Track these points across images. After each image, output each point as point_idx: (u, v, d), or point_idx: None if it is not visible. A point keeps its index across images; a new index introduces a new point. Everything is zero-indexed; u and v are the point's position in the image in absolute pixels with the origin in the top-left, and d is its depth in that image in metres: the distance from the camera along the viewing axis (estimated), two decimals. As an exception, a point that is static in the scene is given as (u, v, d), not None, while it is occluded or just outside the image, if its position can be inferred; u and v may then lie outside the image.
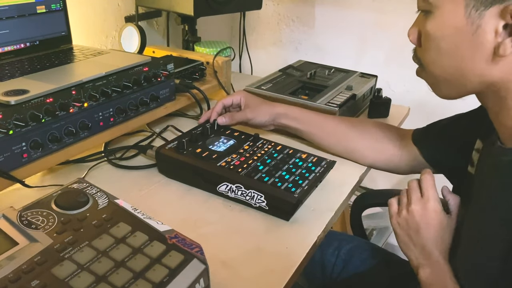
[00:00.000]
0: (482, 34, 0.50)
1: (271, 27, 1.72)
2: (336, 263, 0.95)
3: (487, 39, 0.50)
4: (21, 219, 0.48)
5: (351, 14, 1.55)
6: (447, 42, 0.53)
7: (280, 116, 0.87)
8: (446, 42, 0.53)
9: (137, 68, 0.83)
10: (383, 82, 1.49)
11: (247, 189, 0.69)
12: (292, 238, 0.65)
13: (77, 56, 0.90)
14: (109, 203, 0.53)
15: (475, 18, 0.49)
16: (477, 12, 0.49)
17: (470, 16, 0.50)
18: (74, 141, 0.74)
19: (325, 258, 0.96)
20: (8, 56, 0.85)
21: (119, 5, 1.21)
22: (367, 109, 1.11)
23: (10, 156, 0.64)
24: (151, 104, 0.88)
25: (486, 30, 0.49)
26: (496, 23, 0.48)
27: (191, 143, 0.78)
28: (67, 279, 0.41)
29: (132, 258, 0.45)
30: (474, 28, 0.50)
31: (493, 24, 0.49)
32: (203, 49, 1.22)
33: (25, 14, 0.86)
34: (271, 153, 0.78)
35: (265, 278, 0.57)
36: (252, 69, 1.62)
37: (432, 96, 0.62)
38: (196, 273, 0.45)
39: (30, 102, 0.65)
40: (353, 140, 0.85)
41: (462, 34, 0.51)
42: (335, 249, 0.96)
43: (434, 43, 0.55)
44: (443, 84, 0.58)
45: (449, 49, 0.53)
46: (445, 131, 0.77)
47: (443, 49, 0.54)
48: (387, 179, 1.71)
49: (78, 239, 0.46)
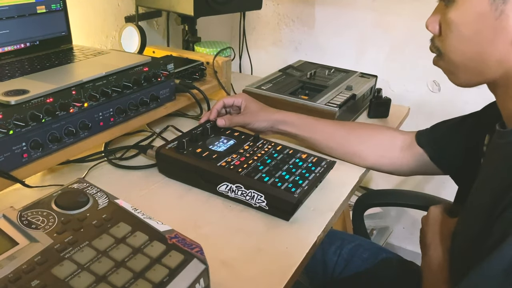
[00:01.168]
0: (505, 19, 0.52)
1: (271, 27, 1.72)
2: (337, 262, 0.95)
3: (510, 23, 0.52)
4: (21, 219, 0.48)
5: (351, 14, 1.55)
6: (469, 28, 0.55)
7: (279, 123, 0.87)
8: (468, 28, 0.55)
9: (137, 68, 0.83)
10: (383, 82, 1.49)
11: (247, 189, 0.69)
12: (292, 238, 0.65)
13: (77, 56, 0.90)
14: (109, 203, 0.53)
15: (499, 4, 0.52)
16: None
17: (495, 2, 0.52)
18: (74, 141, 0.74)
19: (327, 257, 0.96)
20: (8, 56, 0.85)
21: (119, 5, 1.21)
22: (367, 109, 1.10)
23: (10, 156, 0.64)
24: (151, 104, 0.88)
25: (509, 15, 0.51)
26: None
27: (191, 143, 0.78)
28: (67, 279, 0.41)
29: (132, 258, 0.45)
30: (498, 14, 0.52)
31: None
32: (203, 49, 1.22)
33: (25, 14, 0.86)
34: (271, 153, 0.78)
35: (265, 278, 0.57)
36: (252, 69, 1.62)
37: (432, 96, 0.62)
38: (196, 273, 0.45)
39: (30, 102, 0.65)
40: (353, 144, 0.85)
41: (485, 20, 0.53)
42: (337, 248, 0.97)
43: (456, 30, 0.57)
44: (462, 71, 0.59)
45: (471, 35, 0.55)
46: (451, 131, 0.78)
47: (465, 35, 0.56)
48: (387, 179, 1.71)
49: (78, 239, 0.46)
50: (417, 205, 1.05)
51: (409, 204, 1.10)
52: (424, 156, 0.80)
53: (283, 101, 0.99)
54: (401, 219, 1.80)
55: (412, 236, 1.76)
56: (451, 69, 0.61)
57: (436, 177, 0.84)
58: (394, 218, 1.81)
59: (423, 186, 1.64)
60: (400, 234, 1.81)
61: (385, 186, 1.74)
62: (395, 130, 0.87)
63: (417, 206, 1.06)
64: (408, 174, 0.84)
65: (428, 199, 1.04)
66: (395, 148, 0.83)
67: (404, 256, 0.96)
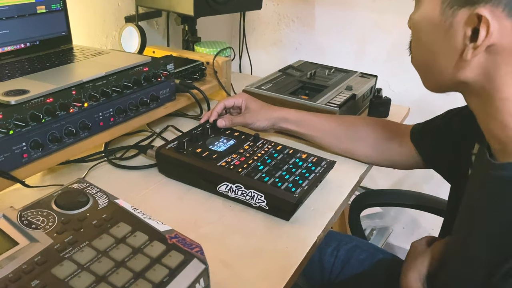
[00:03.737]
0: (454, 34, 0.48)
1: (271, 27, 1.72)
2: (335, 264, 0.95)
3: (458, 39, 0.48)
4: (21, 219, 0.48)
5: (351, 14, 1.55)
6: (425, 35, 0.53)
7: (280, 120, 0.87)
8: (424, 35, 0.53)
9: (137, 68, 0.83)
10: (383, 82, 1.49)
11: (247, 189, 0.69)
12: (292, 238, 0.65)
13: (77, 56, 0.90)
14: (109, 203, 0.53)
15: (449, 16, 0.48)
16: (451, 10, 0.48)
17: (445, 13, 0.49)
18: (74, 141, 0.74)
19: (324, 259, 0.96)
20: (8, 56, 0.85)
21: (119, 5, 1.21)
22: (367, 109, 1.10)
23: (10, 156, 0.64)
24: (151, 104, 0.88)
25: (457, 30, 0.48)
26: (466, 25, 0.47)
27: (191, 143, 0.78)
28: (67, 279, 0.41)
29: (132, 258, 0.45)
30: (447, 26, 0.49)
31: (463, 26, 0.47)
32: (203, 49, 1.22)
33: (25, 14, 0.86)
34: (271, 153, 0.78)
35: (265, 278, 0.57)
36: (252, 69, 1.62)
37: (432, 96, 0.62)
38: (196, 273, 0.45)
39: (30, 102, 0.65)
40: (353, 140, 0.85)
41: (437, 30, 0.50)
42: (334, 250, 0.96)
43: (416, 33, 0.55)
44: (421, 75, 0.58)
45: (426, 42, 0.53)
46: (439, 131, 0.76)
47: (422, 41, 0.54)
48: (387, 179, 1.71)
49: (78, 239, 0.46)
50: (414, 204, 1.06)
51: (406, 204, 1.10)
52: (416, 153, 0.80)
53: (283, 101, 0.99)
54: (401, 219, 1.80)
55: (412, 236, 1.76)
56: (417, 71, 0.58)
57: (435, 177, 0.84)
58: (393, 218, 1.81)
59: (421, 186, 1.64)
60: (400, 234, 1.81)
61: (384, 186, 1.74)
62: (395, 124, 0.87)
63: (415, 206, 1.07)
64: (407, 168, 0.84)
65: (426, 198, 1.04)
66: (394, 143, 0.83)
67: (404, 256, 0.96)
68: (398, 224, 1.81)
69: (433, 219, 1.04)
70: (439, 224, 0.78)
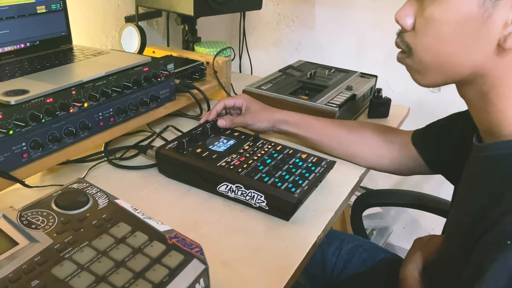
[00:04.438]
0: (491, 24, 0.48)
1: (271, 27, 1.72)
2: (336, 263, 0.95)
3: (495, 30, 0.48)
4: (21, 219, 0.48)
5: (351, 14, 1.55)
6: (450, 28, 0.51)
7: (280, 122, 0.87)
8: (450, 28, 0.51)
9: (137, 68, 0.83)
10: (383, 82, 1.49)
11: (247, 189, 0.69)
12: (292, 238, 0.65)
13: (77, 56, 0.90)
14: (109, 203, 0.53)
15: (488, 7, 0.48)
16: (491, 1, 0.48)
17: (484, 5, 0.48)
18: (74, 141, 0.74)
19: (326, 258, 0.96)
20: (8, 56, 0.85)
21: (119, 5, 1.21)
22: (367, 109, 1.10)
23: (10, 156, 0.64)
24: (151, 104, 0.88)
25: (496, 20, 0.48)
26: (508, 14, 0.47)
27: (191, 143, 0.78)
28: (67, 279, 0.41)
29: (132, 258, 0.45)
30: (485, 17, 0.48)
31: (504, 15, 0.48)
32: (203, 49, 1.22)
33: (25, 14, 0.86)
34: (271, 153, 0.78)
35: (265, 278, 0.57)
36: (252, 69, 1.62)
37: (432, 96, 0.62)
38: (196, 273, 0.45)
39: (30, 102, 0.65)
40: (353, 144, 0.85)
41: (470, 22, 0.49)
42: (336, 249, 0.96)
43: (436, 28, 0.53)
44: (432, 72, 0.56)
45: (451, 35, 0.51)
46: (442, 133, 0.77)
47: (444, 35, 0.52)
48: (387, 179, 1.71)
49: (78, 239, 0.46)
50: (416, 204, 1.06)
51: (407, 204, 1.10)
52: (418, 157, 0.79)
53: (283, 101, 0.99)
54: (401, 219, 1.80)
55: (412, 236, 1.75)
56: (418, 69, 0.57)
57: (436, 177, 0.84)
58: (394, 218, 1.81)
59: (422, 186, 1.64)
60: (400, 234, 1.81)
61: (384, 186, 1.74)
62: (395, 130, 0.87)
63: (416, 206, 1.07)
64: (407, 173, 0.84)
65: (426, 198, 1.04)
66: (394, 148, 0.83)
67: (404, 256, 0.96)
68: (398, 224, 1.81)
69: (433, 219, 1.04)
70: (440, 224, 0.78)
